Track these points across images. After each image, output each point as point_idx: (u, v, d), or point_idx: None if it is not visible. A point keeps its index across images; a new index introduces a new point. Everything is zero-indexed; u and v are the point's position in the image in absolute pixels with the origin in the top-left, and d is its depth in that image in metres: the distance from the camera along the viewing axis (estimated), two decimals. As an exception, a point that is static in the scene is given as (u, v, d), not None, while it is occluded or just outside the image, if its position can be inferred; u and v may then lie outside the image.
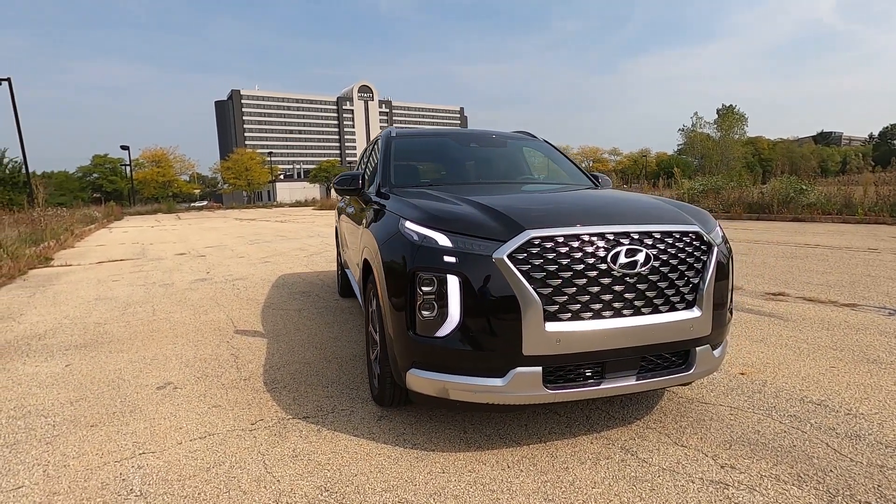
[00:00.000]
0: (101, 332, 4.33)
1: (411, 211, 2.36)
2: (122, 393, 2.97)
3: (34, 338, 4.22)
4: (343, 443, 2.32)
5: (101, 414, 2.68)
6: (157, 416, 2.64)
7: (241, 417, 2.60)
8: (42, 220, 14.46)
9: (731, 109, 58.13)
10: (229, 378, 3.17)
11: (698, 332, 2.21)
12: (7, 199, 32.72)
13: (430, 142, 3.93)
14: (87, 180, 69.99)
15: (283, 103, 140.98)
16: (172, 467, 2.14)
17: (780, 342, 3.62)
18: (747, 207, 13.69)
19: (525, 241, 1.99)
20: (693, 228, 2.24)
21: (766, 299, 4.94)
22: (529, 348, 1.98)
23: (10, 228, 11.84)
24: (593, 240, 2.05)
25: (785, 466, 2.06)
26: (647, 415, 2.55)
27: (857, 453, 2.14)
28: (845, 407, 2.57)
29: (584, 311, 2.02)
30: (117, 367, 3.41)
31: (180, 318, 4.75)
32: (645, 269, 2.08)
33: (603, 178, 3.82)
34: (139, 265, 8.76)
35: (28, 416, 2.68)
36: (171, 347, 3.84)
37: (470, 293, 2.00)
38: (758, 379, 2.97)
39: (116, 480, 2.05)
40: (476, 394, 2.06)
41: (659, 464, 2.10)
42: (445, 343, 2.05)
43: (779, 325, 4.04)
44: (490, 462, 2.14)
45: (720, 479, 1.98)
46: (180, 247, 11.86)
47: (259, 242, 12.29)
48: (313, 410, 2.67)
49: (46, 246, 11.14)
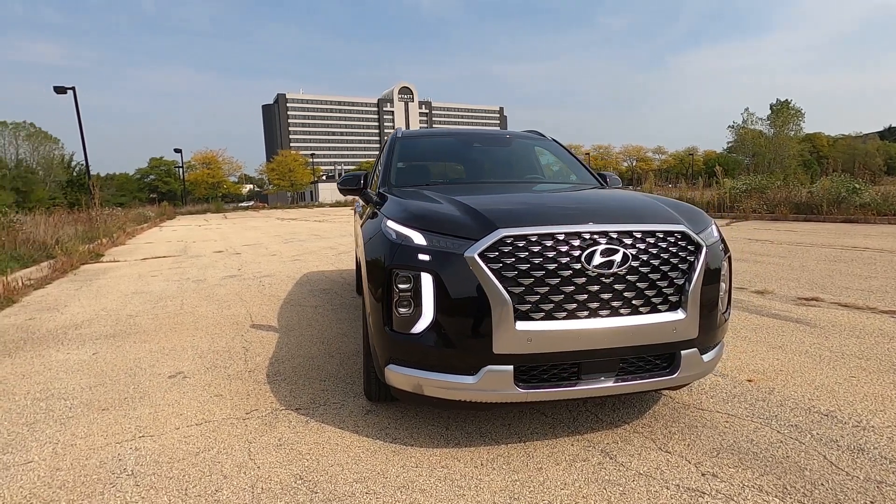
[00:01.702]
0: (130, 324, 4.62)
1: (394, 210, 2.41)
2: (136, 380, 3.16)
3: (72, 327, 4.55)
4: (327, 434, 2.39)
5: (114, 399, 2.88)
6: (162, 403, 2.80)
7: (237, 407, 2.73)
8: (98, 219, 15.48)
9: (786, 104, 54.97)
10: (236, 369, 3.32)
11: (683, 334, 2.14)
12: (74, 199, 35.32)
13: (434, 142, 3.97)
14: (144, 181, 74.34)
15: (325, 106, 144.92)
16: (166, 450, 2.27)
17: (801, 349, 3.44)
18: (794, 208, 12.96)
19: (496, 239, 2.00)
20: (679, 228, 2.17)
21: (797, 304, 4.68)
22: (500, 347, 1.98)
23: (70, 227, 12.74)
24: (568, 239, 2.03)
25: (771, 477, 1.97)
26: (637, 419, 2.49)
27: (856, 467, 2.02)
28: (855, 419, 2.42)
29: (557, 310, 2.00)
30: (137, 357, 3.64)
31: (204, 312, 4.99)
32: (623, 269, 2.03)
33: (611, 177, 3.74)
34: (178, 262, 9.24)
35: (50, 398, 2.91)
36: (190, 339, 4.06)
37: (442, 291, 2.03)
38: (765, 387, 2.83)
39: (113, 460, 2.20)
40: (449, 391, 2.08)
41: (637, 468, 2.05)
42: (420, 340, 2.08)
43: (803, 332, 3.83)
44: (465, 459, 2.15)
45: (697, 486, 1.92)
46: (220, 245, 12.42)
47: (293, 241, 12.69)
48: (306, 403, 2.76)
49: (99, 243, 11.93)
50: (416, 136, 3.90)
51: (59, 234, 10.81)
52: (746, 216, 13.55)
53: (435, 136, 4.18)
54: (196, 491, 1.96)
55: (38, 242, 9.45)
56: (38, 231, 10.18)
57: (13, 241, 8.77)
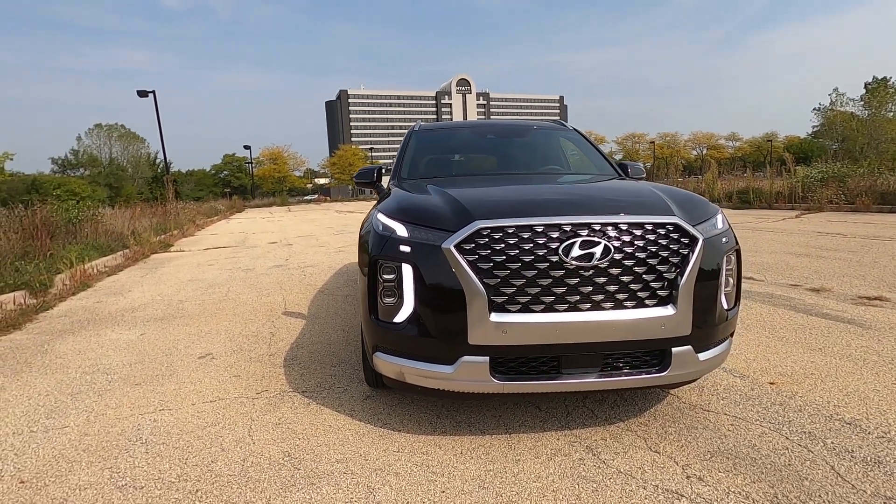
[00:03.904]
0: (179, 308, 5.02)
1: (386, 203, 2.47)
2: (170, 359, 3.46)
3: (129, 310, 5.03)
4: (324, 416, 2.51)
5: (147, 375, 3.17)
6: (187, 381, 3.05)
7: (250, 387, 2.92)
8: (172, 212, 16.81)
9: (884, 82, 49.40)
10: (258, 353, 3.53)
11: (673, 331, 2.04)
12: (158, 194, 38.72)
13: (448, 135, 3.98)
14: (218, 177, 79.54)
15: (385, 100, 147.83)
16: (178, 423, 2.49)
17: (843, 352, 3.16)
18: (878, 198, 11.69)
19: (473, 231, 2.00)
20: (670, 220, 2.07)
21: (856, 304, 4.28)
22: (475, 338, 1.99)
23: (146, 219, 13.94)
24: (547, 231, 1.99)
25: (764, 485, 1.85)
26: (635, 417, 2.41)
27: (865, 481, 1.85)
28: (882, 429, 2.21)
29: (534, 303, 1.98)
30: (177, 338, 3.97)
31: (245, 299, 5.33)
32: (604, 262, 1.97)
33: (633, 167, 3.60)
34: (235, 252, 9.87)
35: (95, 372, 3.25)
36: (226, 324, 4.36)
37: (421, 282, 2.06)
38: (787, 390, 2.64)
39: (132, 429, 2.43)
40: (428, 379, 2.12)
41: (618, 467, 2.00)
42: (401, 329, 2.14)
43: (852, 334, 3.51)
44: (447, 446, 2.19)
45: (677, 489, 1.84)
46: (276, 236, 13.11)
47: (343, 233, 13.14)
48: (313, 386, 2.91)
49: (170, 234, 12.97)
50: (432, 129, 3.93)
51: (136, 226, 11.86)
52: (821, 207, 12.41)
53: (451, 129, 4.19)
54: (194, 461, 2.13)
55: (117, 233, 10.44)
56: (117, 223, 11.23)
57: (95, 232, 9.75)
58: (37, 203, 8.92)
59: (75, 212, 9.74)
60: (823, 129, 53.59)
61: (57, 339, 4.05)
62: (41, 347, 3.84)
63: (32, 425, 2.53)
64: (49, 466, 2.13)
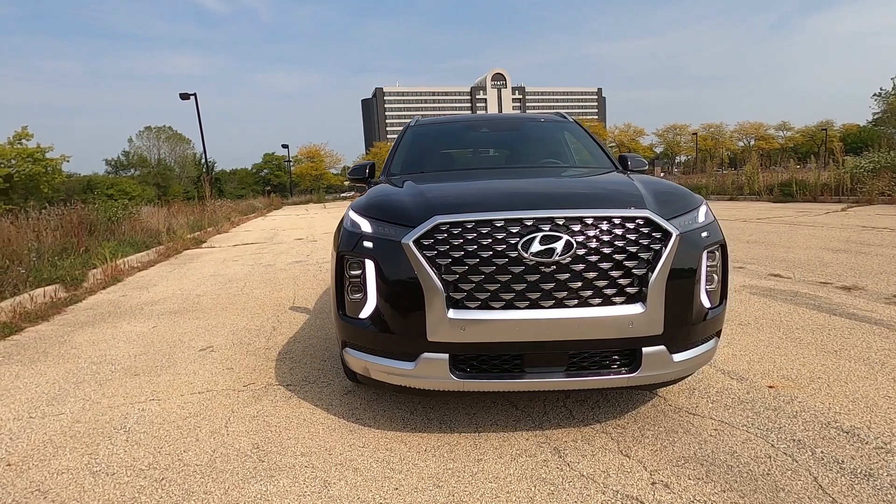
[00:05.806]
0: (194, 303, 5.21)
1: (359, 199, 2.46)
2: (172, 351, 3.59)
3: (149, 304, 5.26)
4: (301, 410, 2.54)
5: (148, 366, 3.30)
6: (183, 373, 3.16)
7: (239, 380, 2.99)
8: (209, 210, 17.48)
9: (954, 64, 45.55)
10: (256, 346, 3.62)
11: (642, 330, 1.94)
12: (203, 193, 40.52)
13: (442, 130, 3.94)
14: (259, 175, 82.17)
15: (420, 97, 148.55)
16: (163, 413, 2.57)
17: (861, 355, 2.94)
18: (937, 189, 10.81)
19: (432, 226, 1.96)
20: (641, 213, 1.97)
21: (889, 303, 3.98)
22: (433, 334, 1.96)
23: (183, 217, 14.56)
24: (507, 226, 1.93)
25: (733, 495, 1.74)
26: (613, 419, 2.31)
27: (848, 494, 1.71)
28: (882, 440, 2.04)
29: (493, 299, 1.93)
30: (184, 331, 4.12)
31: (258, 294, 5.47)
32: (566, 257, 1.90)
33: (634, 159, 3.44)
34: (261, 248, 10.16)
35: (102, 362, 3.42)
36: (234, 318, 4.49)
37: (382, 278, 2.05)
38: (787, 395, 2.48)
39: (120, 418, 2.54)
40: (391, 375, 2.10)
41: (581, 470, 1.93)
42: (366, 325, 2.13)
43: (877, 335, 3.26)
44: (412, 443, 2.17)
45: (638, 495, 1.76)
46: (304, 233, 13.40)
47: (369, 229, 13.29)
48: (298, 380, 2.95)
49: (204, 231, 13.49)
50: (427, 124, 3.90)
51: (172, 223, 12.40)
52: (871, 200, 11.58)
53: (446, 123, 4.14)
54: (168, 450, 2.20)
55: (153, 230, 10.95)
56: (153, 221, 11.78)
57: (133, 230, 10.26)
58: (77, 203, 9.46)
59: (114, 210, 10.27)
60: (885, 115, 50.00)
61: (77, 331, 4.28)
62: (61, 338, 4.07)
63: (33, 411, 2.68)
64: (36, 451, 2.25)
